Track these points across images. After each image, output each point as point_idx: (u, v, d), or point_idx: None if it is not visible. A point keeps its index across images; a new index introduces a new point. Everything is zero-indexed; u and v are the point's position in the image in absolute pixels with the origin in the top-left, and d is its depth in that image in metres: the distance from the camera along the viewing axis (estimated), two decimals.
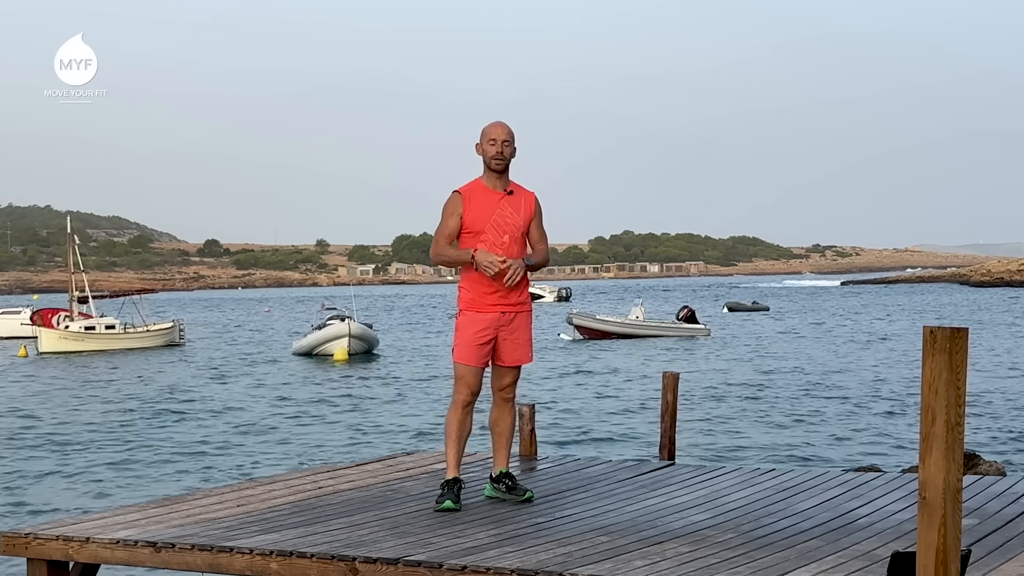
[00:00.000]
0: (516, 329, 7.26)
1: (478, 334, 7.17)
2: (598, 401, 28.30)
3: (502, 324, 7.21)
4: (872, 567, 5.46)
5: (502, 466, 7.37)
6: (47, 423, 25.67)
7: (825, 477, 8.17)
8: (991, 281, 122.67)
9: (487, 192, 7.22)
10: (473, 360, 7.19)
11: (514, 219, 7.21)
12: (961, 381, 4.40)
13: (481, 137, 7.27)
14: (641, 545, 6.01)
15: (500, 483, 7.33)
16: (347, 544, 6.09)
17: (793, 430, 22.88)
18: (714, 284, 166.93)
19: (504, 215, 7.19)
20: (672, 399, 9.46)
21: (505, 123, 7.30)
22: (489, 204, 7.19)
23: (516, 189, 7.29)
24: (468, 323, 7.22)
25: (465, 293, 7.25)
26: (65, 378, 37.08)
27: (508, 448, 7.42)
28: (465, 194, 7.22)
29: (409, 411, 27.16)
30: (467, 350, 7.18)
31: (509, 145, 7.23)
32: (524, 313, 7.31)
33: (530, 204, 7.30)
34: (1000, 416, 23.92)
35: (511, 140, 7.24)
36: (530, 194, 7.33)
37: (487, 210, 7.18)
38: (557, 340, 51.27)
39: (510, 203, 7.23)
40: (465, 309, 7.25)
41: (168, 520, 6.81)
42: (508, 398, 7.35)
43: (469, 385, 7.20)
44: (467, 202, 7.19)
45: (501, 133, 7.23)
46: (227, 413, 27.24)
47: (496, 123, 7.31)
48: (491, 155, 7.20)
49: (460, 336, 7.24)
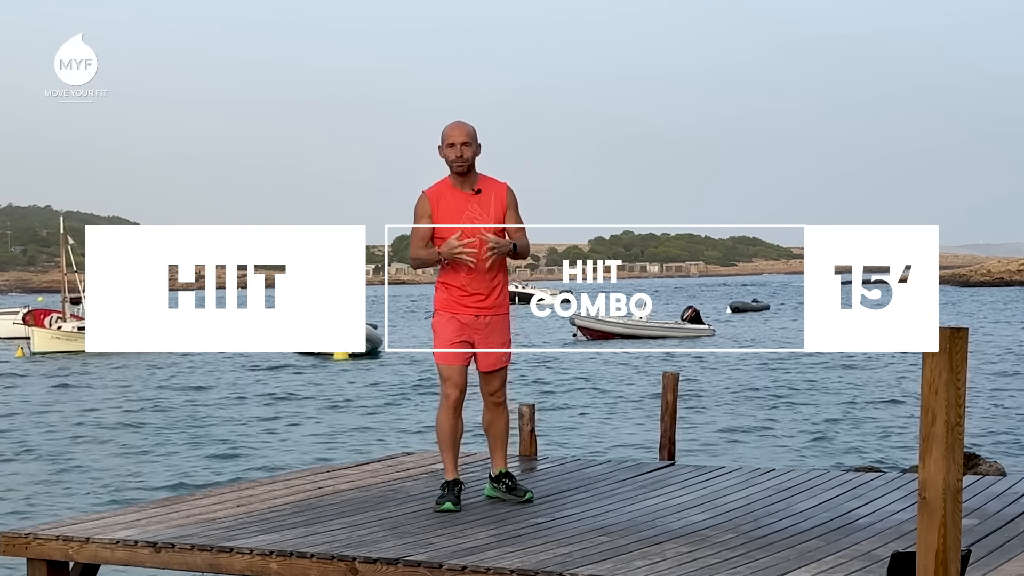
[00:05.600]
0: (491, 333, 7.13)
1: (454, 334, 7.08)
2: (598, 401, 28.29)
3: (477, 327, 7.10)
4: (872, 567, 5.46)
5: (500, 466, 7.33)
6: (48, 423, 25.66)
7: (825, 477, 8.17)
8: (991, 281, 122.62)
9: (454, 192, 7.08)
10: (454, 360, 7.10)
11: (484, 218, 7.05)
12: (961, 381, 4.40)
13: (441, 140, 7.10)
14: (641, 545, 6.01)
15: (500, 483, 7.31)
16: (347, 544, 6.09)
17: (794, 430, 22.88)
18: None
19: (473, 216, 7.04)
20: (672, 399, 9.46)
21: (464, 123, 7.10)
22: (457, 205, 7.06)
23: (485, 185, 7.11)
24: (443, 324, 7.12)
25: (440, 294, 7.16)
26: (62, 378, 37.07)
27: (504, 448, 7.36)
28: (432, 197, 7.09)
29: (410, 411, 27.15)
30: (446, 351, 7.10)
31: (469, 146, 7.04)
32: (499, 316, 7.16)
33: (501, 197, 7.11)
34: (1000, 416, 23.92)
35: (471, 140, 7.05)
36: (501, 186, 7.14)
37: (455, 211, 7.04)
38: (568, 340, 51.18)
39: (479, 202, 7.07)
40: (440, 309, 7.15)
41: (168, 520, 6.81)
42: (499, 402, 7.25)
43: (456, 384, 7.10)
44: (435, 205, 7.07)
45: (459, 135, 7.04)
46: (227, 413, 27.23)
47: (454, 124, 7.11)
48: (451, 159, 7.05)
49: (438, 337, 7.15)
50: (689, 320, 53.60)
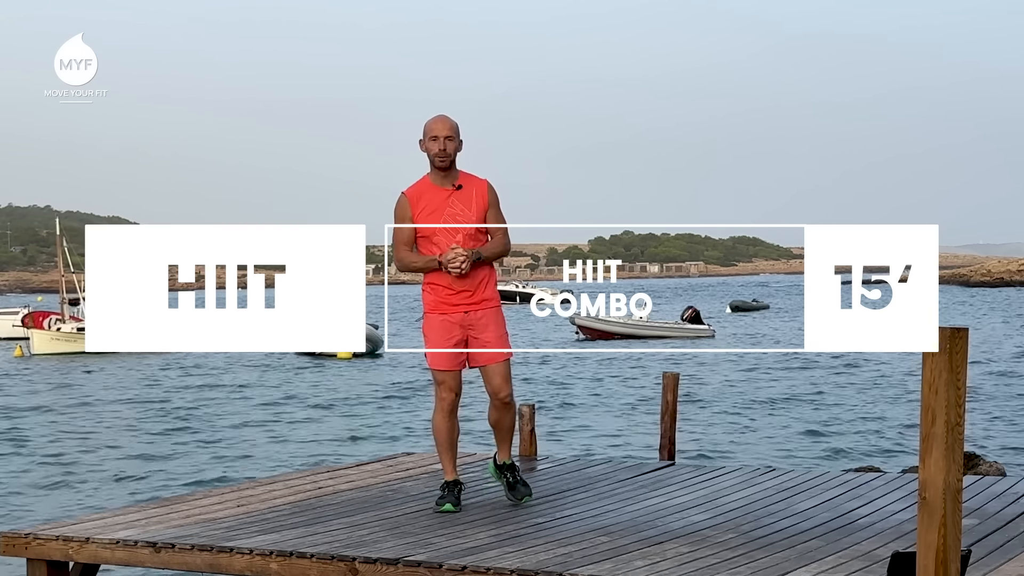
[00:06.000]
0: (485, 327, 6.98)
1: (445, 337, 6.95)
2: (598, 401, 28.29)
3: (468, 324, 6.97)
4: (872, 567, 5.47)
5: (505, 458, 7.30)
6: (47, 423, 25.66)
7: (825, 477, 8.17)
8: (991, 281, 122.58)
9: (434, 190, 6.95)
10: (446, 364, 6.98)
11: (465, 214, 6.92)
12: (961, 381, 4.40)
13: (423, 133, 6.99)
14: (641, 545, 6.01)
15: (503, 473, 7.27)
16: (347, 544, 6.09)
17: (794, 430, 22.88)
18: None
19: (455, 212, 6.91)
20: (672, 399, 9.46)
21: (447, 117, 7.01)
22: (438, 203, 6.91)
23: (466, 181, 6.99)
24: (433, 326, 7.00)
25: (428, 296, 7.03)
26: (60, 379, 37.08)
27: (510, 441, 7.31)
28: (411, 196, 6.96)
29: (410, 411, 27.14)
30: (438, 354, 6.96)
31: (452, 141, 6.93)
32: (491, 310, 7.02)
33: (482, 194, 6.98)
34: (1000, 416, 23.91)
35: (455, 134, 6.96)
36: (482, 183, 7.01)
37: (436, 210, 6.90)
38: (570, 340, 51.18)
39: (460, 199, 6.94)
40: (429, 312, 7.02)
41: (168, 520, 6.81)
42: (506, 402, 7.09)
43: (450, 388, 7.00)
44: (415, 204, 6.93)
45: (443, 128, 6.95)
46: (227, 412, 27.23)
47: (437, 118, 7.01)
48: (434, 152, 6.93)
49: (428, 341, 7.01)
50: (689, 320, 53.63)
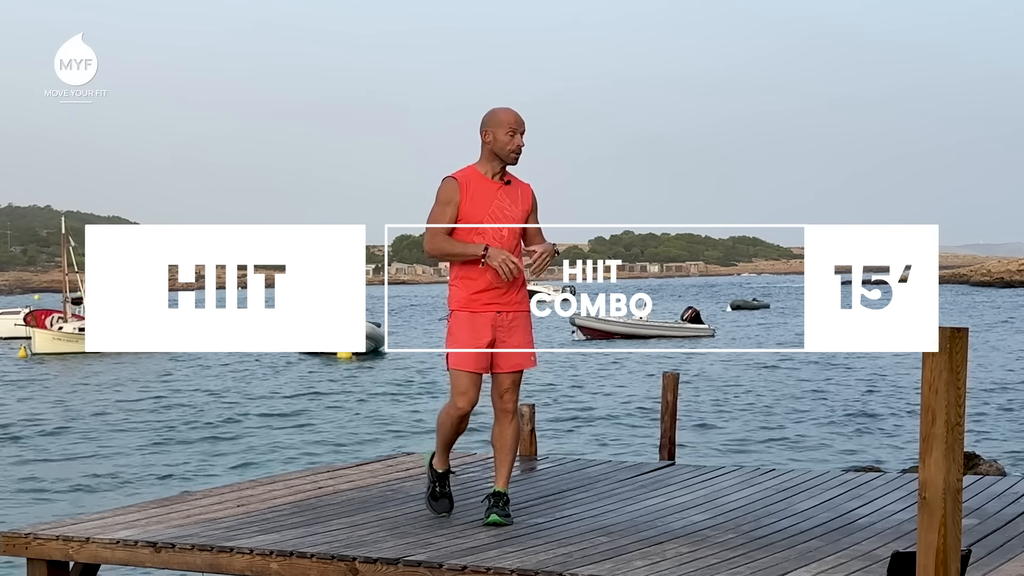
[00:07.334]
0: (514, 331, 6.57)
1: (474, 336, 6.50)
2: (599, 401, 28.29)
3: (499, 325, 6.54)
4: (872, 567, 5.47)
5: (502, 486, 6.65)
6: (46, 423, 25.66)
7: (825, 477, 8.17)
8: (991, 281, 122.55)
9: (484, 181, 6.57)
10: (471, 365, 6.51)
11: (512, 211, 6.60)
12: (961, 381, 4.40)
13: (492, 123, 6.57)
14: (641, 545, 6.01)
15: (498, 502, 6.63)
16: (347, 544, 6.09)
17: (795, 430, 22.88)
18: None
19: (503, 206, 6.59)
20: (672, 399, 9.46)
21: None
22: (487, 194, 6.55)
23: (513, 179, 6.71)
24: (462, 325, 6.53)
25: (457, 292, 6.57)
26: (61, 378, 37.07)
27: (510, 466, 6.71)
28: (462, 181, 6.54)
29: (411, 410, 27.15)
30: (463, 355, 6.51)
31: (523, 135, 6.64)
32: (523, 313, 6.61)
33: (527, 196, 6.71)
34: (1000, 416, 23.92)
35: (525, 129, 6.66)
36: (526, 185, 6.75)
37: (485, 200, 6.54)
38: (568, 340, 51.20)
39: (508, 193, 6.59)
40: (458, 309, 6.57)
41: (168, 520, 6.81)
42: (509, 409, 6.65)
43: (469, 397, 6.53)
44: (464, 190, 6.52)
45: (521, 123, 6.58)
46: (227, 413, 27.23)
47: (511, 111, 6.63)
48: (511, 147, 6.56)
49: (454, 339, 6.54)
50: (689, 320, 53.64)
